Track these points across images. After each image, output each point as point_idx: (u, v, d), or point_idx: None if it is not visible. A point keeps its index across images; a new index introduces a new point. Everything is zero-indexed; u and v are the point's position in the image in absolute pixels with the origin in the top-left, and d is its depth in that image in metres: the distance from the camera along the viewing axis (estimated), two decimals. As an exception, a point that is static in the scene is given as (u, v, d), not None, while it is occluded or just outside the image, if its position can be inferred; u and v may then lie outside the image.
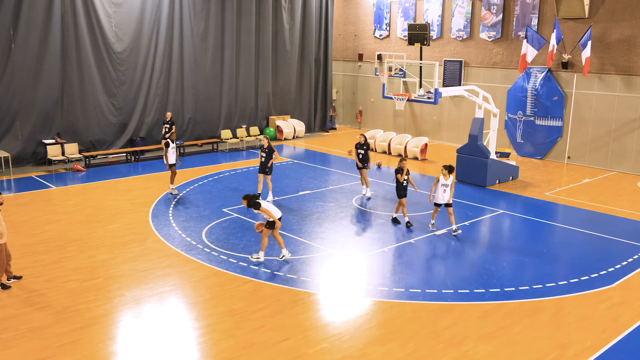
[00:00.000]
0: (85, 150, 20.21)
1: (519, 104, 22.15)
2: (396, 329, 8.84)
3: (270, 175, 15.61)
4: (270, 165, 15.35)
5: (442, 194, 13.03)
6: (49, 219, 13.83)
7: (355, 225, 13.88)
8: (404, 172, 13.48)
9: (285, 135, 25.33)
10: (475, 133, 17.45)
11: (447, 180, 12.94)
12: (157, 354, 8.05)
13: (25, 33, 18.50)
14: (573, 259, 11.94)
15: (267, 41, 25.14)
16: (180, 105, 22.79)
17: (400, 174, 13.43)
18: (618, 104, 19.87)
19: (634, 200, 16.47)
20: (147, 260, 11.31)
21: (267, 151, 15.28)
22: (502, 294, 10.15)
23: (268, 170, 15.40)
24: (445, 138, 25.17)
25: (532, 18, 21.49)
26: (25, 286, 10.11)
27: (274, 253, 11.82)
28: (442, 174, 12.92)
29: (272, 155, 15.27)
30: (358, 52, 28.24)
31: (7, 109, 18.56)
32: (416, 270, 11.32)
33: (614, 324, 9.17)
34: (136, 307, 9.39)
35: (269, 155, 15.27)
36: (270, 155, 15.27)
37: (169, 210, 14.63)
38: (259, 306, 9.48)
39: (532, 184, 18.14)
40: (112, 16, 20.34)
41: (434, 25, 24.58)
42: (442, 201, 13.07)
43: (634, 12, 19.14)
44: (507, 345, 8.46)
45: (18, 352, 8.01)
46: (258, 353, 8.09)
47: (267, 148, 15.30)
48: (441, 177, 12.98)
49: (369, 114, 28.21)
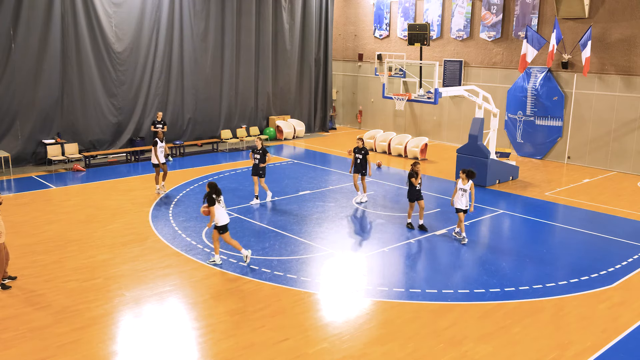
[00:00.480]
0: (85, 150, 20.21)
1: (519, 104, 22.15)
2: (396, 329, 8.84)
3: (264, 177, 15.32)
4: (263, 167, 15.10)
5: (459, 198, 12.60)
6: (49, 219, 13.83)
7: (355, 225, 13.88)
8: (418, 175, 13.11)
9: (285, 135, 25.33)
10: (475, 133, 17.45)
11: (465, 184, 12.45)
12: (157, 354, 8.05)
13: (25, 33, 18.50)
14: (573, 259, 11.94)
15: (267, 41, 25.14)
16: (180, 105, 22.79)
17: (415, 178, 13.05)
18: (618, 104, 19.87)
19: (634, 200, 16.47)
20: (147, 260, 11.31)
21: (261, 153, 15.04)
22: (502, 294, 10.15)
23: (261, 172, 15.15)
24: (445, 138, 25.17)
25: (532, 18, 21.50)
26: (25, 286, 10.11)
27: (274, 253, 11.83)
28: (461, 178, 12.51)
29: (265, 158, 15.02)
30: (358, 52, 28.25)
31: (7, 109, 18.56)
32: (416, 270, 11.32)
33: (614, 324, 9.17)
34: (136, 307, 9.39)
35: (262, 157, 15.05)
36: (263, 157, 15.04)
37: (169, 210, 14.63)
38: (259, 306, 9.48)
39: (532, 184, 18.14)
40: (112, 16, 20.34)
41: (434, 25, 24.58)
42: (462, 206, 12.61)
43: (634, 12, 19.14)
44: (507, 345, 8.46)
45: (18, 352, 8.01)
46: (258, 353, 8.09)
47: (261, 150, 15.07)
48: (459, 182, 12.55)
49: (369, 114, 28.21)
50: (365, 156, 15.20)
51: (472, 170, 12.47)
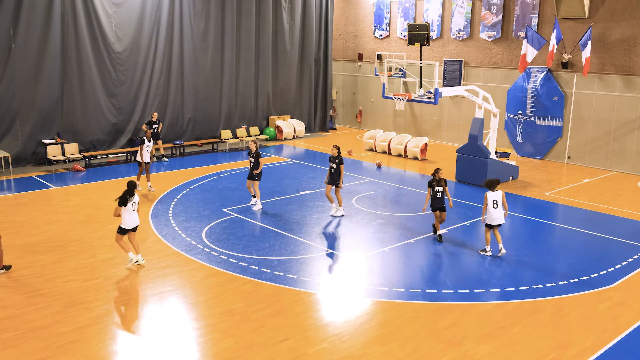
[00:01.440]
0: (85, 150, 20.21)
1: (519, 104, 22.15)
2: (396, 329, 8.84)
3: (259, 181, 14.71)
4: (259, 171, 14.50)
5: (493, 210, 11.52)
6: (49, 219, 13.83)
7: (355, 225, 13.88)
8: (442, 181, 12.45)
9: (285, 135, 25.33)
10: (475, 133, 17.45)
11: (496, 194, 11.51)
12: (157, 354, 8.05)
13: (25, 33, 18.50)
14: (573, 259, 11.94)
15: (267, 41, 25.14)
16: (180, 105, 22.79)
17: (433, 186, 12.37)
18: (618, 104, 19.87)
19: (634, 200, 16.47)
20: (147, 260, 11.30)
21: (255, 156, 14.50)
22: (502, 294, 10.15)
23: (256, 176, 14.56)
24: (445, 138, 25.17)
25: (532, 18, 21.49)
26: (25, 286, 10.10)
27: (274, 253, 11.83)
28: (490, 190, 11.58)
29: (258, 163, 14.40)
30: (358, 52, 28.25)
31: (7, 109, 18.55)
32: (416, 270, 11.31)
33: (614, 324, 9.17)
34: (136, 307, 9.39)
35: (255, 162, 14.45)
36: (256, 163, 14.42)
37: (169, 210, 14.62)
38: (259, 306, 9.48)
39: (532, 184, 18.13)
40: (112, 16, 20.34)
41: (434, 25, 24.58)
42: (499, 221, 11.61)
43: (634, 12, 19.14)
44: (507, 345, 8.45)
45: (18, 352, 8.01)
46: (258, 353, 8.09)
47: (254, 153, 14.51)
48: (489, 193, 11.57)
49: (369, 114, 28.21)
50: (339, 166, 13.96)
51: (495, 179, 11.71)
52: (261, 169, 14.61)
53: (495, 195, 11.53)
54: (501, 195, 11.58)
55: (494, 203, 11.49)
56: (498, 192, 11.55)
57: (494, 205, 11.50)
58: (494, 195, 11.52)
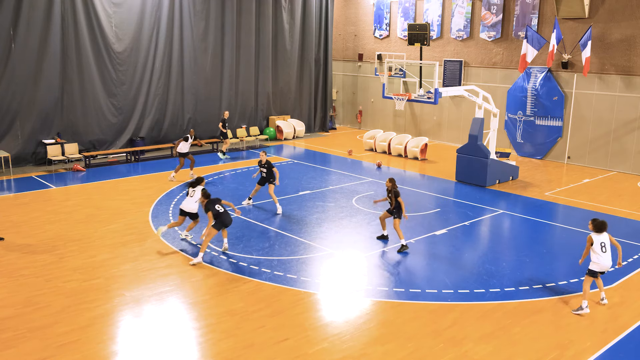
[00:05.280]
0: (85, 150, 20.20)
1: (519, 104, 22.15)
2: (396, 329, 8.84)
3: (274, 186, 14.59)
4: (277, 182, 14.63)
5: (602, 253, 9.43)
6: (49, 219, 13.83)
7: (355, 225, 13.88)
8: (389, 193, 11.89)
9: (285, 135, 25.33)
10: (475, 133, 17.46)
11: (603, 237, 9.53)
12: (157, 354, 8.05)
13: (25, 33, 18.49)
14: (573, 259, 11.92)
15: (267, 41, 25.14)
16: (180, 105, 22.78)
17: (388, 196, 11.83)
18: (618, 104, 19.87)
19: (634, 200, 16.47)
20: (147, 260, 11.31)
21: (267, 167, 14.49)
22: (502, 294, 10.15)
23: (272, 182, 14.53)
24: (445, 138, 25.17)
25: (532, 18, 21.49)
26: (25, 286, 10.11)
27: (274, 253, 11.83)
28: (594, 232, 9.56)
29: (272, 171, 14.45)
30: (358, 52, 28.25)
31: (7, 109, 18.55)
32: (416, 270, 11.31)
33: (614, 324, 9.17)
34: (136, 307, 9.39)
35: (269, 172, 14.47)
36: (270, 172, 14.47)
37: (169, 211, 14.62)
38: (259, 306, 9.48)
39: (532, 184, 18.13)
40: (112, 16, 20.33)
41: (434, 25, 24.58)
42: (609, 267, 9.57)
43: (634, 12, 19.14)
44: (507, 345, 8.45)
45: (18, 352, 8.01)
46: (258, 353, 8.09)
47: (266, 164, 14.51)
48: (595, 236, 9.46)
49: (369, 114, 28.21)
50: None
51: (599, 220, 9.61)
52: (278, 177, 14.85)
53: (602, 237, 9.51)
54: (608, 237, 9.60)
55: (602, 247, 9.46)
56: (605, 235, 9.55)
57: (603, 249, 9.45)
58: (601, 238, 9.49)
